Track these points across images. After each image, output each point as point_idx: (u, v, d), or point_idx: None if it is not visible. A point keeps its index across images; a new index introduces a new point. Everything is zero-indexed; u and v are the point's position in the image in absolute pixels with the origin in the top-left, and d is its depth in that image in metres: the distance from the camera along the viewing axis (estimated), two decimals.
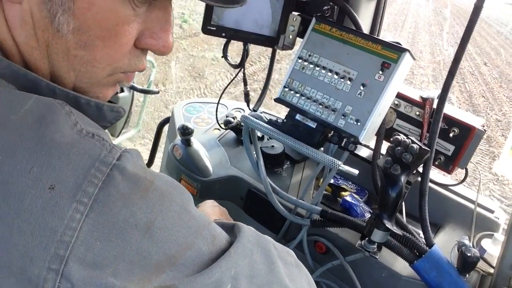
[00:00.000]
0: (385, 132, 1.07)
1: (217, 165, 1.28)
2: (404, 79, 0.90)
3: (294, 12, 1.03)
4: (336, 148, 0.98)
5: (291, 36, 1.04)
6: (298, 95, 0.95)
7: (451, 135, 0.99)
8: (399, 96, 1.04)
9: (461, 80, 8.10)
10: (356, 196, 1.13)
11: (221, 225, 0.55)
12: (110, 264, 0.39)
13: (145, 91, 1.94)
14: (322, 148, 0.96)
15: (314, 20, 0.97)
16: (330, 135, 0.94)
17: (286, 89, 0.97)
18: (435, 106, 0.96)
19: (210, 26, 1.04)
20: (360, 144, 0.90)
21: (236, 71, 1.21)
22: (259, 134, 1.31)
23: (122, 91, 1.85)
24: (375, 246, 0.94)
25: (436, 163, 1.03)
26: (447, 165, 1.02)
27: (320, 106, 0.92)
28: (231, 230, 0.55)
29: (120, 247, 0.40)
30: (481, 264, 0.96)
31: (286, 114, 0.98)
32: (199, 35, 7.58)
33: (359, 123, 0.87)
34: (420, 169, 0.94)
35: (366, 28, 1.06)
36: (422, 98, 1.01)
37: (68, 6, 0.44)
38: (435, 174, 1.16)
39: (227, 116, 1.43)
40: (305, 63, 0.96)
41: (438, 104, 0.91)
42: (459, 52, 0.85)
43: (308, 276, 0.63)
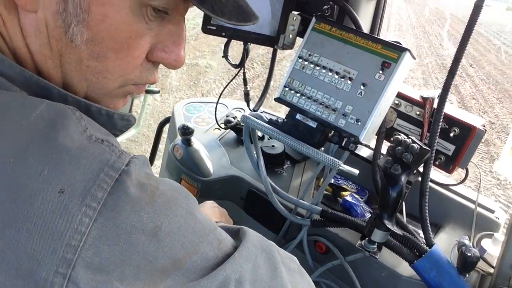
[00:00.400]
0: (385, 131, 1.07)
1: (217, 165, 1.28)
2: (404, 78, 0.90)
3: (294, 12, 1.03)
4: (337, 148, 0.98)
5: (291, 36, 1.04)
6: (298, 94, 0.95)
7: (451, 134, 0.99)
8: (400, 95, 1.04)
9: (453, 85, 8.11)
10: (356, 196, 1.13)
11: (225, 229, 0.55)
12: (117, 268, 0.39)
13: (145, 91, 1.93)
14: (323, 148, 0.96)
15: (314, 19, 0.97)
16: (330, 135, 0.94)
17: (287, 88, 0.97)
18: (435, 105, 0.95)
19: (210, 26, 1.04)
20: (361, 144, 0.90)
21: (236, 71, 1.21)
22: (259, 134, 1.31)
23: None
24: (375, 246, 0.94)
25: (437, 163, 1.03)
26: (447, 165, 1.02)
27: (321, 106, 0.92)
28: (236, 235, 0.56)
29: (127, 252, 0.40)
30: (481, 264, 0.96)
31: (286, 114, 0.98)
32: (189, 41, 7.49)
33: (359, 123, 0.87)
34: (421, 169, 0.94)
35: (366, 28, 1.06)
36: (422, 97, 1.01)
37: (83, 17, 0.44)
38: (436, 174, 1.16)
39: (227, 116, 1.43)
40: (305, 63, 0.96)
41: (439, 103, 0.91)
42: (459, 52, 0.85)
43: (310, 283, 0.63)
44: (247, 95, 1.30)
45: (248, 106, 1.33)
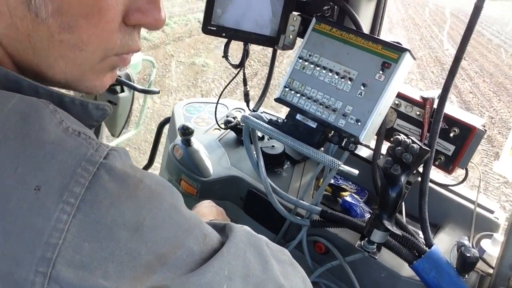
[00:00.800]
0: (385, 132, 1.07)
1: (217, 165, 1.28)
2: (404, 79, 0.90)
3: (294, 12, 1.03)
4: (336, 148, 0.98)
5: (291, 36, 1.04)
6: (298, 95, 0.95)
7: (451, 135, 0.99)
8: (400, 96, 1.04)
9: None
10: (356, 196, 1.13)
11: (212, 225, 0.54)
12: (100, 265, 0.38)
13: (145, 91, 1.94)
14: (322, 148, 0.96)
15: (314, 20, 0.97)
16: (330, 135, 0.94)
17: (287, 89, 0.97)
18: (435, 106, 0.96)
19: (211, 26, 1.04)
20: (361, 144, 0.90)
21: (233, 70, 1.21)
22: (259, 134, 1.31)
23: (123, 91, 1.85)
24: (375, 247, 0.94)
25: (436, 163, 1.03)
26: (447, 165, 1.02)
27: (321, 106, 0.92)
28: (222, 230, 0.54)
29: (109, 248, 0.39)
30: (480, 265, 0.96)
31: (286, 114, 0.98)
32: (183, 39, 7.35)
33: (359, 123, 0.87)
34: (420, 169, 0.94)
35: (366, 28, 1.07)
36: (422, 98, 1.01)
37: None
38: (435, 174, 1.16)
39: (227, 116, 1.43)
40: (305, 63, 0.96)
41: (439, 104, 0.91)
42: (459, 51, 0.85)
43: (303, 274, 0.62)
44: (247, 95, 1.30)
45: (248, 106, 1.33)
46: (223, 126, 1.41)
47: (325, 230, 1.06)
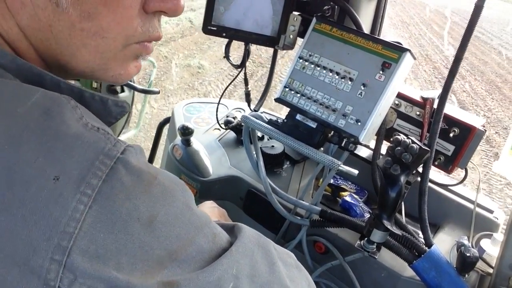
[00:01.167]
0: (385, 132, 1.07)
1: (217, 165, 1.28)
2: (405, 79, 0.91)
3: (294, 12, 1.03)
4: (336, 148, 0.98)
5: (291, 36, 1.04)
6: (298, 95, 0.95)
7: (451, 135, 0.99)
8: (400, 96, 1.04)
9: (439, 75, 8.01)
10: (355, 196, 1.13)
11: (220, 225, 0.54)
12: (113, 257, 0.39)
13: (145, 91, 1.93)
14: (322, 148, 0.96)
15: (314, 20, 0.97)
16: (330, 135, 0.94)
17: (287, 89, 0.97)
18: (435, 106, 0.96)
19: (211, 26, 1.04)
20: (360, 144, 0.90)
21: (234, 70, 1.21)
22: (259, 134, 1.31)
23: (123, 91, 1.85)
24: (374, 246, 0.94)
25: (436, 163, 1.03)
26: (447, 165, 1.02)
27: (321, 106, 0.92)
28: (231, 230, 0.55)
29: (122, 240, 0.40)
30: (480, 264, 0.96)
31: (286, 114, 0.98)
32: (176, 40, 7.23)
33: (359, 123, 0.88)
34: (420, 169, 0.94)
35: (367, 28, 1.07)
36: (422, 98, 1.01)
37: None
38: (435, 174, 1.16)
39: (227, 116, 1.43)
40: (305, 63, 0.96)
41: (439, 104, 0.91)
42: (459, 52, 0.85)
43: (308, 277, 0.63)
44: (248, 95, 1.31)
45: (249, 106, 1.33)
46: (223, 126, 1.41)
47: (325, 230, 1.06)
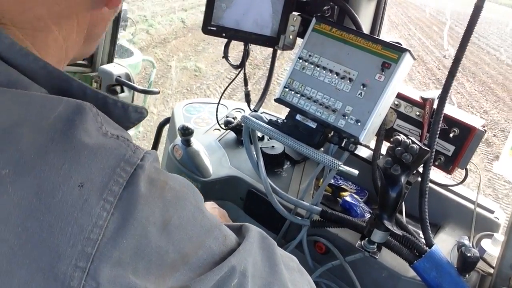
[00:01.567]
0: (385, 132, 1.07)
1: (217, 165, 1.28)
2: (404, 79, 0.91)
3: (294, 12, 1.03)
4: (336, 148, 0.98)
5: (291, 36, 1.04)
6: (298, 95, 0.95)
7: (451, 135, 0.99)
8: (399, 96, 1.04)
9: (432, 76, 8.00)
10: (356, 196, 1.13)
11: (228, 226, 0.55)
12: (132, 262, 0.40)
13: (145, 91, 1.94)
14: (322, 149, 0.96)
15: (314, 20, 0.97)
16: (330, 135, 0.94)
17: (286, 89, 0.97)
18: (435, 106, 0.96)
19: (210, 26, 1.04)
20: (360, 144, 0.90)
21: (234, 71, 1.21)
22: (259, 134, 1.31)
23: (123, 91, 1.85)
24: (375, 246, 0.94)
25: (436, 163, 1.03)
26: (447, 165, 1.02)
27: (320, 106, 0.92)
28: (239, 231, 0.56)
29: (142, 245, 0.40)
30: (480, 264, 0.96)
31: (286, 114, 0.98)
32: (170, 41, 7.16)
33: (359, 123, 0.87)
34: (420, 169, 0.94)
35: (366, 28, 1.07)
36: (422, 98, 1.01)
37: None
38: (435, 174, 1.16)
39: (227, 117, 1.43)
40: (305, 63, 0.96)
41: (438, 104, 0.91)
42: (459, 52, 0.85)
43: (310, 281, 0.64)
44: (247, 95, 1.30)
45: (249, 106, 1.33)
46: (223, 127, 1.41)
47: (325, 230, 1.06)
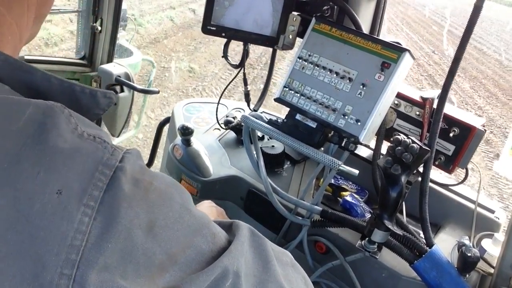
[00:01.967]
0: (385, 132, 1.07)
1: (217, 165, 1.28)
2: (404, 79, 0.90)
3: (294, 12, 1.03)
4: (336, 148, 0.98)
5: (291, 36, 1.04)
6: (298, 95, 0.95)
7: (451, 135, 0.99)
8: (399, 96, 1.04)
9: (424, 72, 7.97)
10: (356, 196, 1.12)
11: (218, 223, 0.55)
12: (119, 266, 0.39)
13: (145, 91, 1.94)
14: (322, 148, 0.96)
15: (314, 20, 0.97)
16: (330, 135, 0.94)
17: (286, 89, 0.97)
18: (435, 106, 0.96)
19: (210, 26, 1.04)
20: (360, 144, 0.90)
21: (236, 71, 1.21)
22: (259, 134, 1.31)
23: (122, 91, 1.85)
24: (375, 246, 0.94)
25: (437, 163, 1.03)
26: (447, 165, 1.02)
27: (320, 106, 0.92)
28: (229, 229, 0.55)
29: (127, 248, 0.40)
30: (481, 264, 0.96)
31: (286, 114, 0.98)
32: (160, 41, 7.00)
33: (359, 123, 0.87)
34: (421, 169, 0.94)
35: (366, 28, 1.06)
36: (422, 98, 1.01)
37: None
38: (436, 174, 1.16)
39: (227, 116, 1.43)
40: (305, 63, 0.96)
41: (438, 104, 0.91)
42: (459, 52, 0.85)
43: (304, 276, 0.63)
44: (247, 95, 1.30)
45: (248, 106, 1.33)
46: (223, 126, 1.41)
47: (325, 230, 1.06)
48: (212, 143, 1.37)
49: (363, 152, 1.20)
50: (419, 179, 0.94)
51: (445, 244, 1.00)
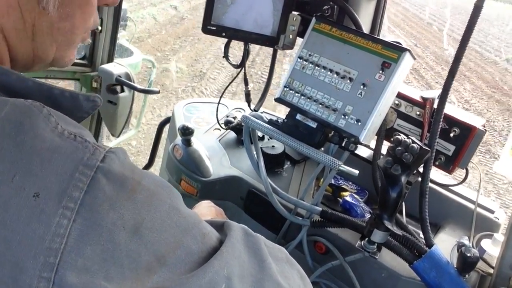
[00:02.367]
0: (385, 132, 1.07)
1: (217, 165, 1.28)
2: (404, 78, 0.90)
3: (294, 12, 1.03)
4: (337, 148, 0.98)
5: (291, 36, 1.04)
6: (298, 95, 0.95)
7: (451, 135, 0.99)
8: (400, 96, 1.04)
9: (412, 70, 7.93)
10: (356, 196, 1.12)
11: (210, 223, 0.54)
12: (102, 268, 0.39)
13: (145, 91, 1.94)
14: (323, 148, 0.96)
15: (314, 19, 0.97)
16: (330, 135, 0.94)
17: (287, 89, 0.97)
18: (435, 106, 0.95)
19: (210, 26, 1.04)
20: (361, 144, 0.90)
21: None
22: (259, 134, 1.31)
23: (123, 91, 1.85)
24: (375, 247, 0.94)
25: (437, 163, 1.03)
26: (447, 165, 1.02)
27: (321, 106, 0.92)
28: (221, 228, 0.55)
29: (110, 250, 0.39)
30: (480, 265, 0.96)
31: (286, 114, 0.98)
32: (144, 40, 6.80)
33: (359, 123, 0.87)
34: (421, 169, 0.94)
35: (366, 28, 1.06)
36: (422, 98, 1.01)
37: None
38: (436, 174, 1.16)
39: (227, 116, 1.43)
40: (305, 63, 0.96)
41: (439, 104, 0.91)
42: (459, 52, 0.85)
43: (300, 271, 0.62)
44: (248, 95, 1.30)
45: (249, 106, 1.33)
46: (223, 126, 1.41)
47: (325, 230, 1.06)
48: (212, 143, 1.37)
49: (363, 152, 1.20)
50: (419, 179, 0.94)
51: (444, 244, 1.00)
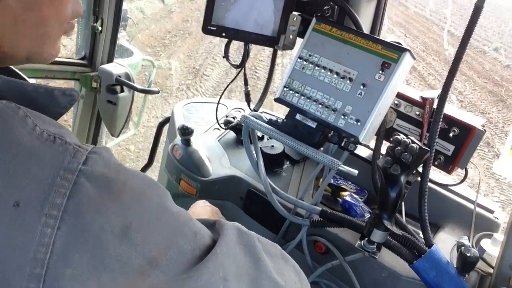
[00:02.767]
0: (385, 132, 1.07)
1: (217, 165, 1.28)
2: (404, 79, 0.91)
3: (294, 12, 1.03)
4: (336, 148, 0.98)
5: (291, 36, 1.04)
6: (298, 95, 0.95)
7: (451, 135, 0.99)
8: (399, 96, 1.04)
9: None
10: (355, 196, 1.12)
11: (201, 221, 0.53)
12: (92, 276, 0.37)
13: (145, 91, 1.94)
14: (322, 148, 0.96)
15: (314, 20, 0.97)
16: (330, 135, 0.94)
17: (286, 89, 0.97)
18: (435, 106, 0.96)
19: (211, 26, 1.04)
20: (360, 144, 0.90)
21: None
22: (259, 134, 1.31)
23: (122, 91, 1.85)
24: (375, 246, 0.94)
25: (436, 163, 1.03)
26: (447, 165, 1.02)
27: (320, 106, 0.92)
28: (212, 227, 0.54)
29: (99, 256, 0.38)
30: (480, 264, 0.96)
31: (286, 114, 0.98)
32: (134, 35, 6.80)
33: (359, 123, 0.87)
34: (420, 169, 0.94)
35: (367, 28, 1.07)
36: (422, 98, 1.01)
37: None
38: (435, 174, 1.16)
39: (227, 116, 1.43)
40: (305, 63, 0.96)
41: (438, 104, 0.91)
42: (459, 52, 0.85)
43: (295, 266, 0.62)
44: (248, 95, 1.30)
45: (248, 106, 1.33)
46: (223, 126, 1.41)
47: (325, 230, 1.06)
48: (212, 143, 1.38)
49: (363, 152, 1.20)
50: (419, 179, 0.94)
51: (444, 244, 1.00)
